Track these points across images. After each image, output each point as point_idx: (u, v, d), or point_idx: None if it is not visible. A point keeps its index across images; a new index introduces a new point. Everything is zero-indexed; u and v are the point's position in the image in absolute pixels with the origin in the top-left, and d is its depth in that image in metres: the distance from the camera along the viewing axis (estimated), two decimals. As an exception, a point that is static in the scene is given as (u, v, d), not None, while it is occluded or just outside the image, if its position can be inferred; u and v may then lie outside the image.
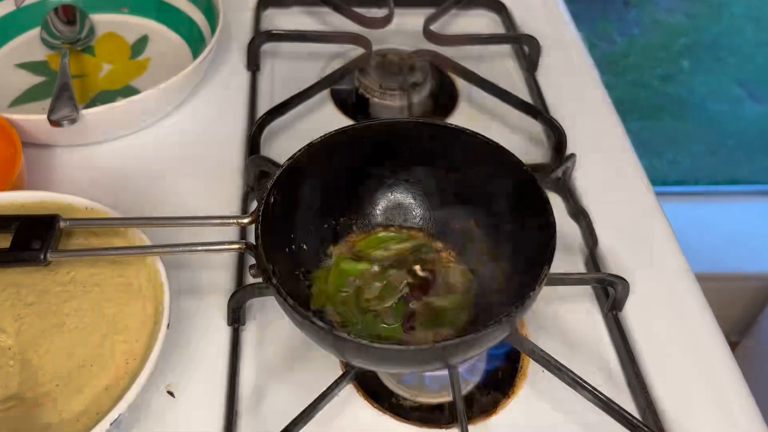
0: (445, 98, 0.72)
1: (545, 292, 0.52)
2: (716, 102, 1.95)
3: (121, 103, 0.59)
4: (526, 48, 0.76)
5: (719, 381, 0.50)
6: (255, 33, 0.75)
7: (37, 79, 0.69)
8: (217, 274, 0.54)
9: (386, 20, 0.73)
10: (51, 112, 0.56)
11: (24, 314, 0.45)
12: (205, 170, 0.62)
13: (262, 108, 0.67)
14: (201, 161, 0.63)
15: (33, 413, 0.41)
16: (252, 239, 0.45)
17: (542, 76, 0.74)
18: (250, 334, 0.51)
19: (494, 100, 0.68)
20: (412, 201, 0.53)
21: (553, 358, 0.46)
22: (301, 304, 0.41)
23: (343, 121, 0.68)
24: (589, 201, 0.62)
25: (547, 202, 0.46)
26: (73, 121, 0.56)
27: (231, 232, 0.55)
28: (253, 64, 0.72)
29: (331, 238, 0.52)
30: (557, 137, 0.64)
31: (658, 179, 1.68)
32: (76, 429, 0.40)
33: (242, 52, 0.73)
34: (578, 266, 0.58)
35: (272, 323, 0.52)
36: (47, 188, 0.57)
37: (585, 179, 0.64)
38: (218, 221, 0.48)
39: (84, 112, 0.57)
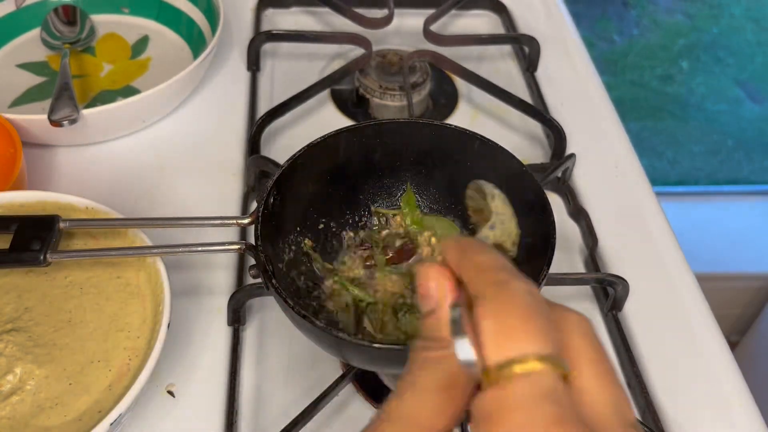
0: (445, 98, 0.72)
1: (545, 292, 0.52)
2: (716, 102, 1.95)
3: (121, 103, 0.59)
4: (526, 48, 0.76)
5: (719, 381, 0.50)
6: (255, 33, 0.75)
7: (37, 80, 0.69)
8: (218, 274, 0.54)
9: (386, 20, 0.73)
10: (51, 112, 0.56)
11: (30, 314, 0.45)
12: (206, 170, 0.62)
13: (263, 108, 0.67)
14: (201, 161, 0.63)
15: (37, 414, 0.41)
16: (252, 239, 0.45)
17: (542, 76, 0.74)
18: (250, 334, 0.51)
19: (494, 100, 0.68)
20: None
21: (553, 358, 0.46)
22: (301, 304, 0.41)
23: (343, 121, 0.68)
24: (589, 201, 0.62)
25: (547, 202, 0.46)
26: (73, 121, 0.56)
27: (231, 233, 0.55)
28: (253, 64, 0.72)
29: (331, 238, 0.52)
30: (557, 137, 0.64)
31: (658, 179, 1.68)
32: (77, 428, 0.40)
33: (242, 52, 0.73)
34: (578, 266, 0.58)
35: (272, 323, 0.52)
36: (47, 188, 0.57)
37: (585, 179, 0.64)
38: (218, 222, 0.48)
39: (84, 112, 0.57)
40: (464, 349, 0.24)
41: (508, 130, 0.69)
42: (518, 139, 0.68)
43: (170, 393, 0.47)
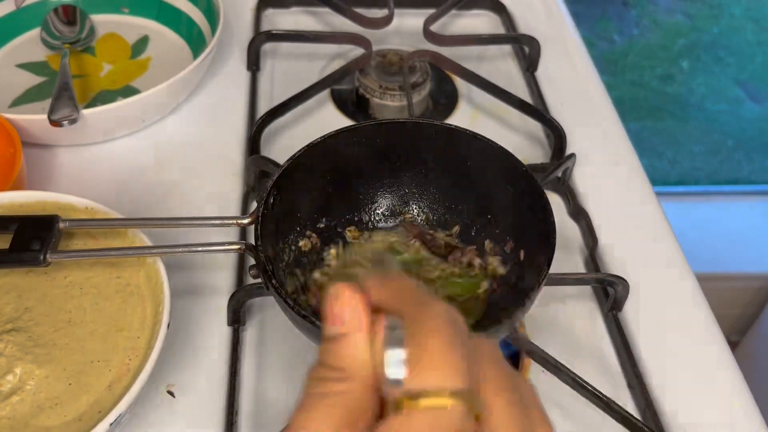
0: (445, 98, 0.72)
1: (545, 292, 0.52)
2: (716, 102, 1.95)
3: (121, 103, 0.59)
4: (526, 48, 0.76)
5: (719, 381, 0.50)
6: (255, 33, 0.75)
7: (37, 79, 0.69)
8: (217, 274, 0.54)
9: (386, 20, 0.73)
10: (51, 111, 0.56)
11: (30, 314, 0.45)
12: (205, 170, 0.62)
13: (262, 108, 0.67)
14: (201, 161, 0.63)
15: (37, 414, 0.41)
16: (252, 239, 0.45)
17: (542, 76, 0.74)
18: (250, 334, 0.51)
19: (494, 100, 0.68)
20: (411, 201, 0.53)
21: (552, 358, 0.47)
22: (301, 304, 0.41)
23: (343, 121, 0.68)
24: (589, 201, 0.62)
25: (547, 202, 0.46)
26: (73, 121, 0.56)
27: (231, 233, 0.55)
28: (253, 64, 0.72)
29: (331, 239, 0.52)
30: (557, 137, 0.64)
31: (658, 179, 1.69)
32: (77, 428, 0.40)
33: (242, 52, 0.73)
34: (578, 266, 0.58)
35: (272, 323, 0.52)
36: (47, 188, 0.57)
37: (585, 179, 0.64)
38: (218, 222, 0.48)
39: (84, 112, 0.57)
40: (397, 366, 0.22)
41: (508, 130, 0.69)
42: (518, 139, 0.68)
43: (170, 393, 0.47)
